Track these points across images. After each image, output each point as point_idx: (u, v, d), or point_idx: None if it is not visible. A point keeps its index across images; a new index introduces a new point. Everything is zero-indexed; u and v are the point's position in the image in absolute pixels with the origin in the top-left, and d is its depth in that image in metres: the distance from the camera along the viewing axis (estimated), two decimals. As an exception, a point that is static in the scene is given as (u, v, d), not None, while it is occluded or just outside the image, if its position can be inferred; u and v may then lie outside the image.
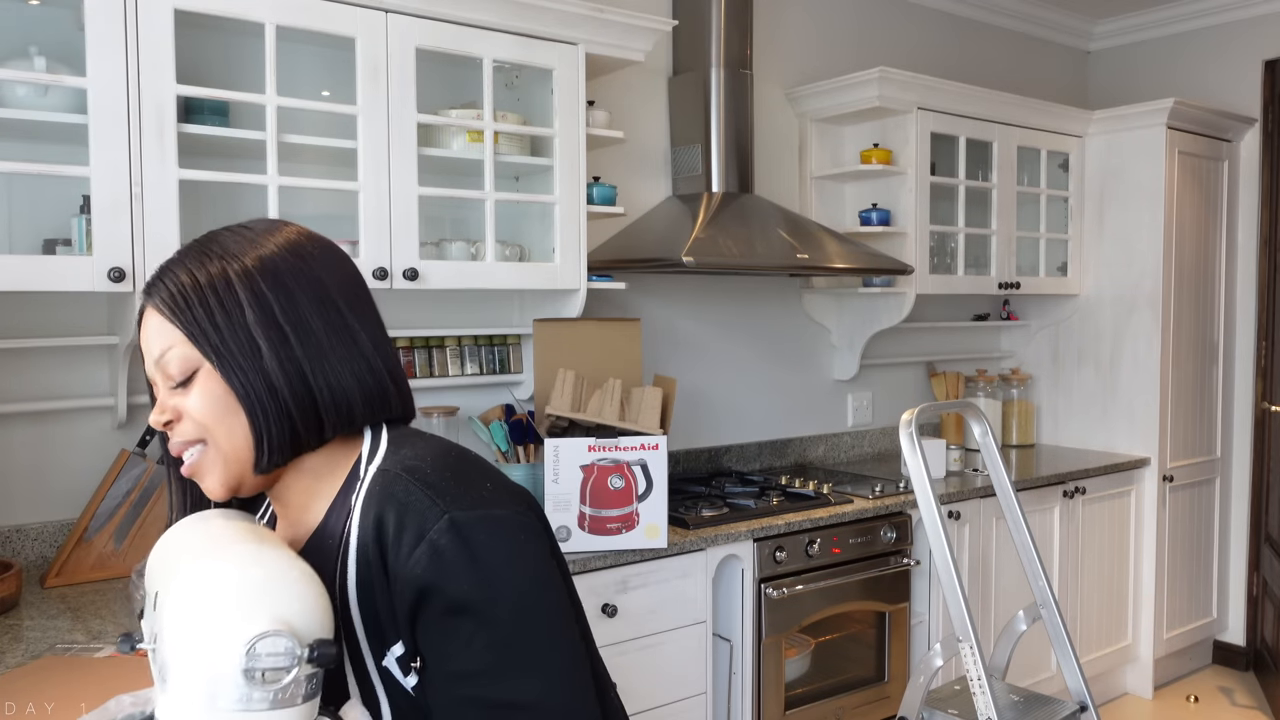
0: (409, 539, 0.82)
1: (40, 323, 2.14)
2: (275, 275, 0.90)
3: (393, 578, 0.83)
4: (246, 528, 0.86)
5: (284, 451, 0.90)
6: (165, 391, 0.91)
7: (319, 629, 0.75)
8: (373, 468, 0.89)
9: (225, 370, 0.87)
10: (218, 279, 0.89)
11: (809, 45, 3.50)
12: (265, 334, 0.88)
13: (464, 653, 0.81)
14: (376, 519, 0.84)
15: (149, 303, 0.92)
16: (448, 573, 0.81)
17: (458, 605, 0.81)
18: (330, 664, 0.74)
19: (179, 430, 0.91)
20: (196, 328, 0.88)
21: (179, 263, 0.92)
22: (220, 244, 0.92)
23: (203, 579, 0.75)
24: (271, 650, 0.71)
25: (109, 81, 1.89)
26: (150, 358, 0.91)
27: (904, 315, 3.34)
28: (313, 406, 0.89)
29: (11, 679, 1.52)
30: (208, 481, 0.91)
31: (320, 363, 0.89)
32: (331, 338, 0.90)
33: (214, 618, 0.73)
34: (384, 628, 0.84)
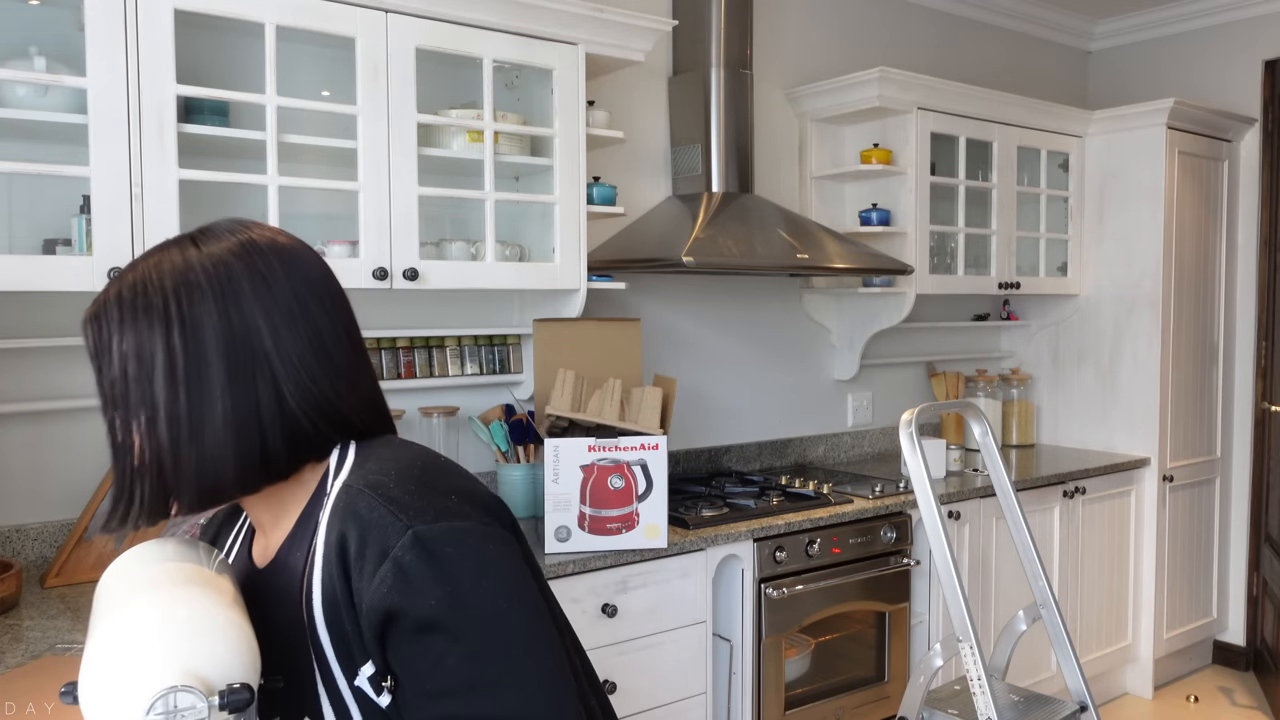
0: (372, 557, 0.79)
1: (40, 323, 2.14)
2: (208, 333, 0.84)
3: (357, 598, 0.80)
4: (178, 568, 0.85)
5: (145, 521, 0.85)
6: None
7: (238, 673, 0.75)
8: (338, 484, 0.86)
9: (111, 433, 0.86)
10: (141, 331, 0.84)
11: (809, 45, 3.50)
12: (165, 405, 0.84)
13: (437, 670, 0.79)
14: (339, 538, 0.81)
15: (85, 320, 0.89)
16: (413, 591, 0.78)
17: (426, 623, 0.78)
18: (244, 707, 0.74)
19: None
20: (106, 383, 0.86)
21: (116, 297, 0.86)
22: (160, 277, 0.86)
23: (117, 630, 0.75)
24: (180, 705, 0.72)
25: (109, 81, 1.89)
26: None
27: (904, 315, 3.34)
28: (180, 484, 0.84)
29: (11, 679, 1.52)
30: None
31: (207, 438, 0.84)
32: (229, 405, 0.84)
33: (121, 674, 0.73)
34: (352, 648, 0.82)
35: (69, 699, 0.77)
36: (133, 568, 0.87)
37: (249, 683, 0.76)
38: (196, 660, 0.74)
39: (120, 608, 0.78)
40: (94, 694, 0.73)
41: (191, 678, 0.73)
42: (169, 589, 0.80)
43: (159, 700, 0.71)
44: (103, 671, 0.74)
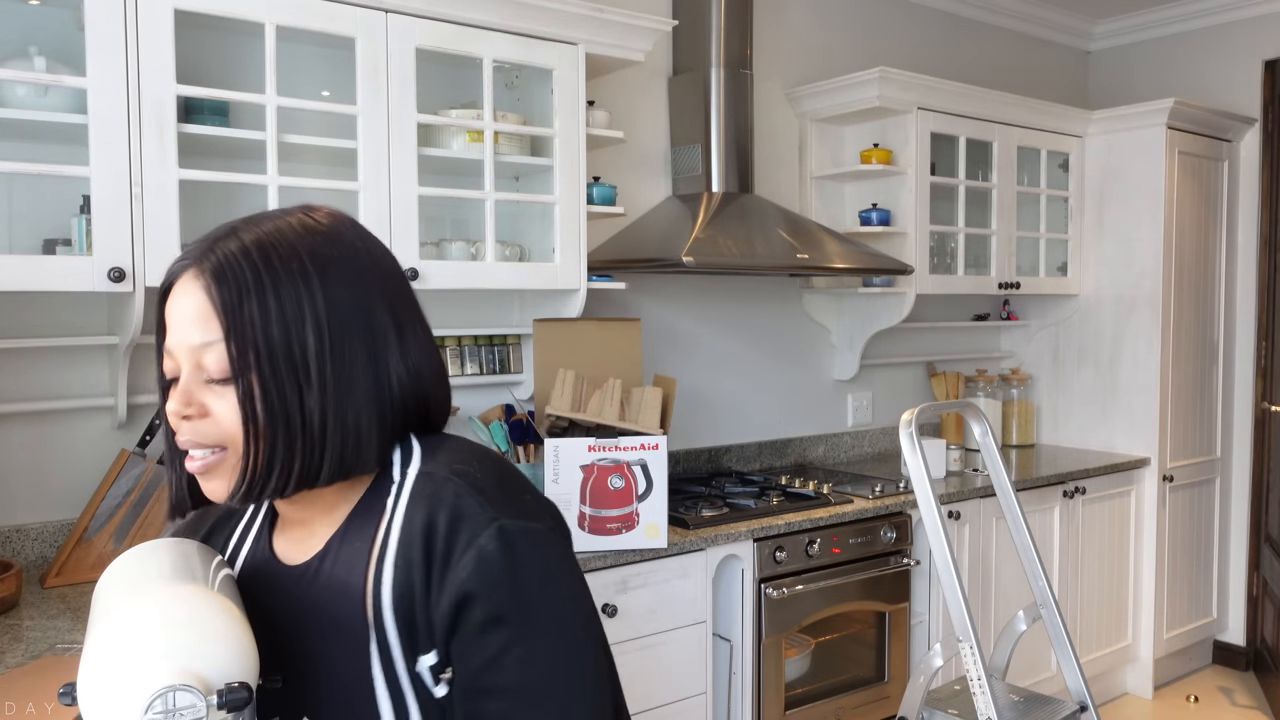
0: (460, 543, 0.80)
1: (40, 323, 2.14)
2: (344, 302, 0.84)
3: (436, 581, 0.80)
4: (177, 568, 0.85)
5: (291, 490, 0.84)
6: (194, 380, 0.83)
7: (237, 673, 0.75)
8: (411, 471, 0.86)
9: (265, 393, 0.81)
10: (285, 294, 0.82)
11: (809, 45, 3.50)
12: (318, 372, 0.82)
13: (493, 666, 0.80)
14: (426, 522, 0.82)
15: (197, 276, 0.82)
16: (490, 583, 0.79)
17: (495, 617, 0.79)
18: (243, 707, 0.73)
19: (199, 429, 0.83)
20: (250, 342, 0.80)
21: (242, 254, 0.82)
22: (289, 244, 0.83)
23: (116, 629, 0.75)
24: (178, 705, 0.72)
25: (109, 81, 1.89)
26: (183, 340, 0.82)
27: (904, 315, 3.34)
28: (328, 452, 0.83)
29: (11, 679, 1.52)
30: (214, 486, 0.85)
31: (353, 405, 0.84)
32: (370, 374, 0.84)
33: (119, 673, 0.73)
34: (418, 634, 0.82)
35: (67, 700, 0.77)
36: (132, 568, 0.87)
37: (247, 682, 0.76)
38: (195, 659, 0.74)
39: (119, 607, 0.78)
40: (92, 693, 0.73)
41: (190, 677, 0.73)
42: (168, 588, 0.80)
43: (157, 699, 0.71)
44: (101, 670, 0.74)
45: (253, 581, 0.92)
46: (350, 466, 0.85)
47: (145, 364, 2.27)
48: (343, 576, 0.85)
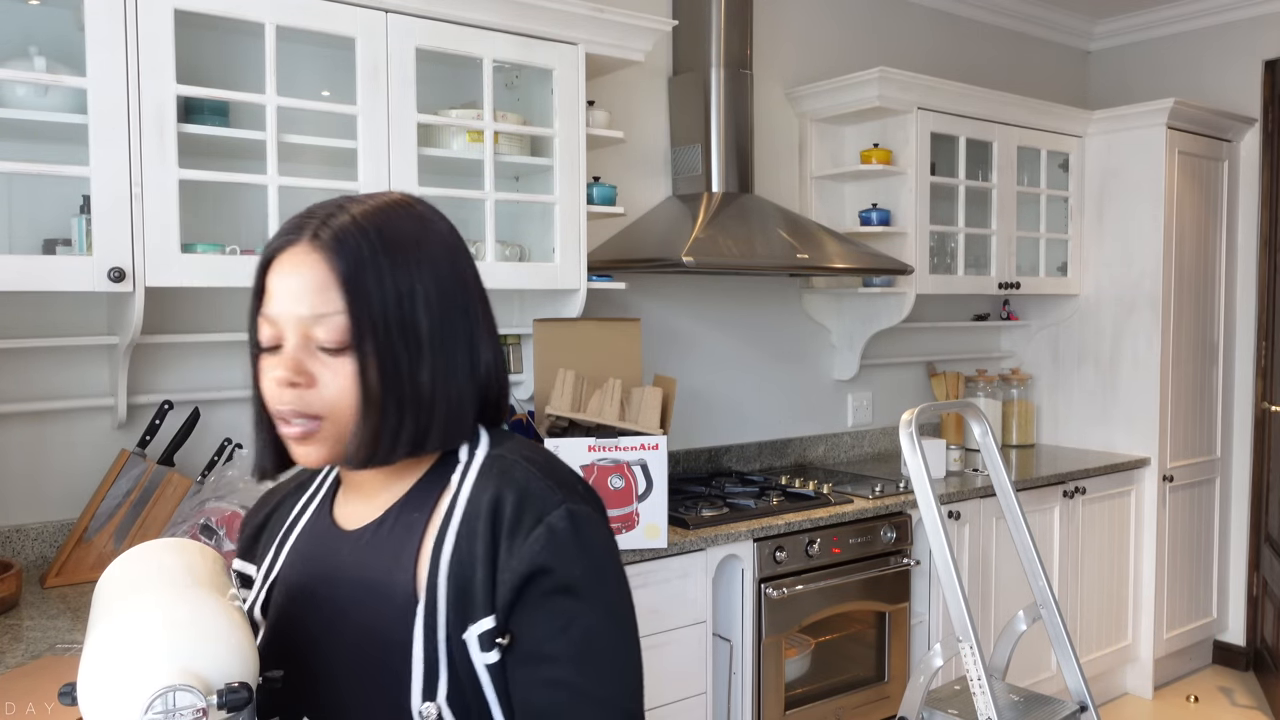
0: (528, 521, 0.85)
1: (40, 323, 2.14)
2: (447, 281, 0.89)
3: (503, 553, 0.84)
4: (177, 568, 0.85)
5: (400, 455, 0.88)
6: (304, 350, 0.85)
7: (237, 673, 0.76)
8: (480, 452, 0.91)
9: (380, 363, 0.85)
10: (400, 269, 0.86)
11: (809, 45, 3.50)
12: (430, 345, 0.87)
13: (559, 636, 0.84)
14: (494, 499, 0.86)
15: (313, 250, 0.85)
16: (563, 556, 0.84)
17: (564, 587, 0.84)
18: (243, 706, 0.74)
19: (304, 398, 0.85)
20: (367, 313, 0.84)
21: (358, 230, 0.85)
22: (397, 224, 0.87)
23: (116, 629, 0.75)
24: (178, 705, 0.72)
25: (109, 81, 1.89)
26: (292, 311, 0.85)
27: (904, 315, 3.34)
28: (435, 421, 0.88)
29: (11, 679, 1.52)
30: (311, 452, 0.88)
31: (457, 378, 0.89)
32: (468, 351, 0.90)
33: (119, 673, 0.73)
34: (474, 601, 0.84)
35: (67, 700, 0.77)
36: (132, 568, 0.87)
37: (247, 682, 0.76)
38: (195, 659, 0.74)
39: (119, 607, 0.79)
40: (92, 693, 0.74)
41: (190, 677, 0.73)
42: (168, 589, 0.80)
43: (157, 699, 0.72)
44: (101, 670, 0.74)
45: (309, 542, 0.97)
46: (452, 437, 0.90)
47: (145, 364, 2.27)
48: (396, 543, 0.89)
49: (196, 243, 2.14)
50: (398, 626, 0.86)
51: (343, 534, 0.94)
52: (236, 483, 2.08)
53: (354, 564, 0.91)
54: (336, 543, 0.94)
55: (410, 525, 0.89)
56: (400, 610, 0.86)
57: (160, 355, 2.30)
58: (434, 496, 0.90)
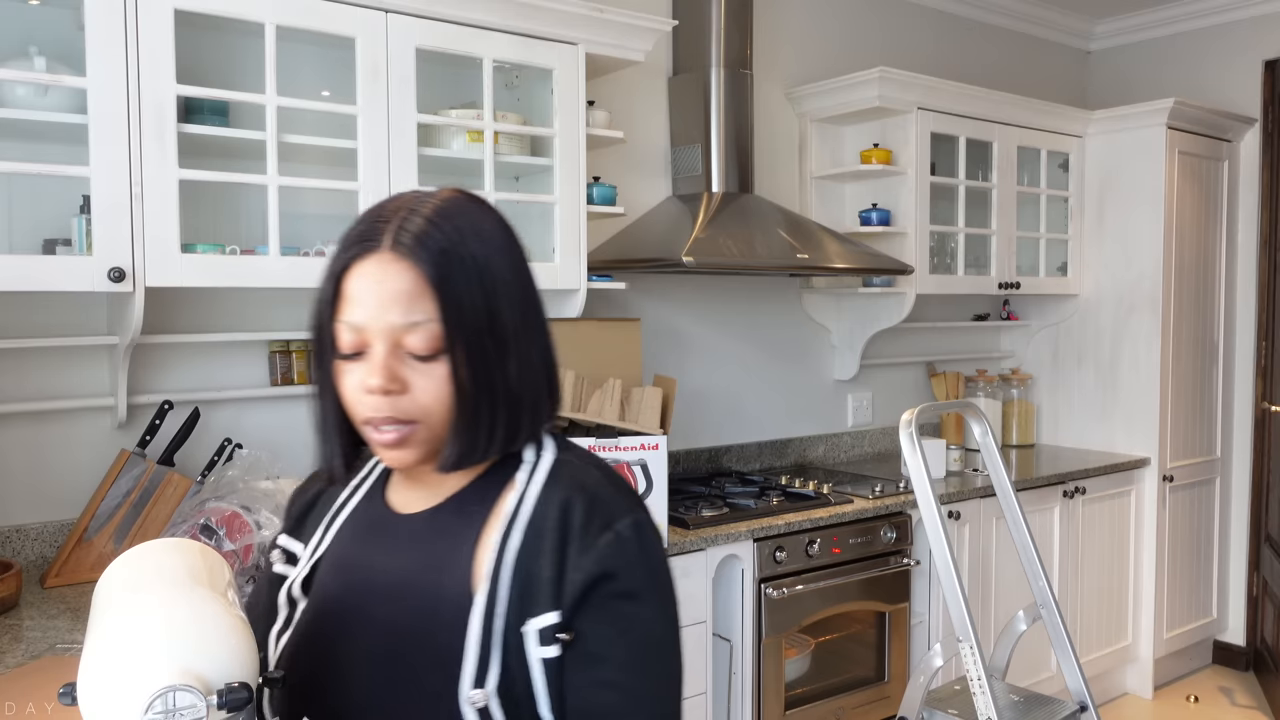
0: (596, 525, 0.87)
1: (40, 323, 2.14)
2: (522, 273, 0.91)
3: (572, 554, 0.87)
4: (178, 568, 0.85)
5: (493, 453, 0.91)
6: (395, 357, 0.85)
7: (237, 673, 0.76)
8: (548, 455, 0.94)
9: (472, 366, 0.86)
10: (484, 272, 0.87)
11: (809, 45, 3.50)
12: (514, 342, 0.88)
13: (619, 640, 0.86)
14: (565, 501, 0.89)
15: (400, 258, 0.85)
16: (627, 563, 0.87)
17: (627, 593, 0.87)
18: (243, 706, 0.74)
19: (398, 404, 0.86)
20: (459, 317, 0.85)
21: (440, 236, 0.86)
22: (471, 225, 0.89)
23: (116, 629, 0.75)
24: (178, 705, 0.72)
25: (109, 81, 1.89)
26: (382, 319, 0.85)
27: (904, 315, 3.34)
28: (524, 417, 0.91)
29: (11, 679, 1.52)
30: (405, 456, 0.89)
31: (536, 373, 0.91)
32: (541, 346, 0.92)
33: (119, 673, 0.73)
34: (538, 596, 0.86)
35: (67, 700, 0.77)
36: (132, 568, 0.87)
37: (247, 682, 0.76)
38: (195, 659, 0.74)
39: (119, 607, 0.79)
40: (93, 693, 0.74)
41: (190, 677, 0.73)
42: (168, 589, 0.80)
43: (157, 699, 0.72)
44: (101, 670, 0.74)
45: (362, 522, 0.99)
46: (536, 431, 0.93)
47: (145, 364, 2.27)
48: (456, 531, 0.92)
49: (196, 243, 2.14)
50: (451, 610, 0.87)
51: (398, 517, 0.96)
52: (236, 483, 2.08)
53: (410, 546, 0.93)
54: (392, 524, 0.96)
55: (470, 516, 0.92)
56: (456, 595, 0.88)
57: (160, 355, 2.30)
58: (496, 492, 0.92)
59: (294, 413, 2.48)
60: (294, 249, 2.27)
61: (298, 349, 2.46)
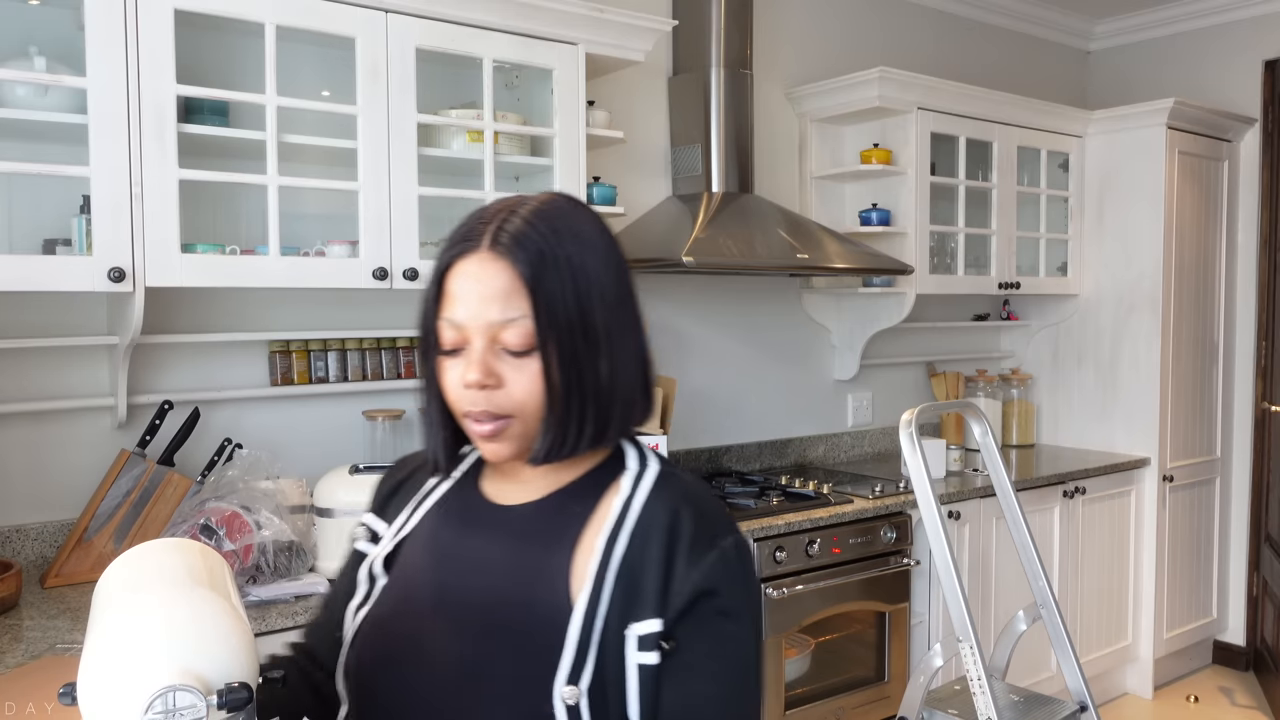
0: (702, 542, 0.90)
1: (40, 323, 2.14)
2: (618, 274, 0.93)
3: (679, 565, 0.89)
4: (177, 569, 0.85)
5: (583, 449, 0.92)
6: (491, 353, 0.89)
7: (237, 673, 0.76)
8: (653, 466, 0.96)
9: (563, 361, 0.88)
10: (577, 270, 0.89)
11: (809, 45, 3.50)
12: (606, 338, 0.90)
13: (716, 655, 0.89)
14: (673, 512, 0.91)
15: (497, 257, 0.88)
16: (730, 581, 0.90)
17: (727, 610, 0.89)
18: (243, 706, 0.74)
19: (494, 399, 0.89)
20: (550, 314, 0.87)
21: (536, 235, 0.89)
22: (566, 225, 0.91)
23: (116, 629, 0.75)
24: (178, 705, 0.72)
25: (109, 81, 1.89)
26: (480, 316, 0.88)
27: (904, 315, 3.34)
28: (615, 413, 0.92)
29: (11, 679, 1.52)
30: (500, 449, 0.92)
31: (629, 370, 0.93)
32: (636, 343, 0.94)
33: (119, 673, 0.73)
34: (641, 602, 0.88)
35: (67, 700, 0.77)
36: (132, 568, 0.87)
37: (247, 682, 0.76)
38: (195, 659, 0.74)
39: (119, 607, 0.78)
40: (93, 693, 0.74)
41: (190, 677, 0.73)
42: (168, 589, 0.80)
43: (157, 699, 0.72)
44: (101, 670, 0.74)
45: (454, 508, 1.01)
46: (628, 426, 0.95)
47: (145, 364, 2.27)
48: (557, 528, 0.93)
49: (196, 243, 2.14)
50: (548, 607, 0.89)
51: (494, 507, 0.98)
52: (236, 483, 2.08)
53: (507, 537, 0.95)
54: (488, 514, 0.98)
55: (571, 516, 0.94)
56: (554, 592, 0.90)
57: (160, 355, 2.30)
58: (599, 494, 0.95)
59: (294, 413, 2.48)
60: (294, 249, 2.27)
61: (297, 349, 2.46)
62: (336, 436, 2.53)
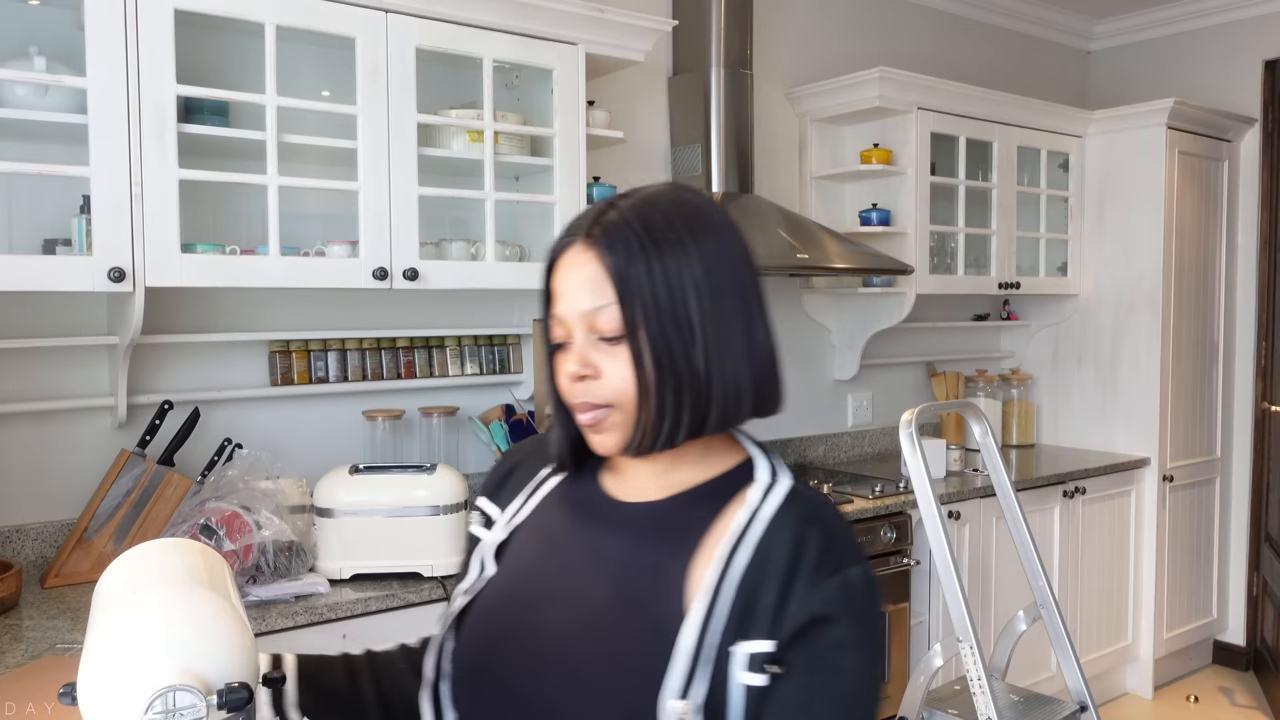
0: (827, 567, 0.87)
1: (40, 323, 2.14)
2: (717, 266, 0.91)
3: (799, 587, 0.86)
4: (177, 568, 0.85)
5: (680, 439, 0.91)
6: (587, 343, 0.90)
7: (237, 673, 0.76)
8: (784, 481, 0.94)
9: (654, 350, 0.88)
10: (668, 258, 0.88)
11: (809, 45, 3.50)
12: (700, 329, 0.88)
13: (827, 686, 0.85)
14: (800, 532, 0.88)
15: (587, 248, 0.90)
16: (850, 611, 0.86)
17: (844, 642, 0.86)
18: (243, 706, 0.74)
19: (591, 389, 0.90)
20: (638, 301, 0.87)
21: (625, 225, 0.89)
22: (663, 214, 0.91)
23: (115, 629, 0.75)
24: (178, 705, 0.72)
25: (109, 81, 1.89)
26: (575, 306, 0.90)
27: (904, 315, 3.34)
28: (713, 403, 0.90)
29: (11, 679, 1.52)
30: (606, 440, 0.92)
31: (731, 360, 0.90)
32: (743, 333, 0.92)
33: (119, 673, 0.73)
34: (756, 620, 0.86)
35: (67, 700, 0.77)
36: (132, 568, 0.87)
37: (247, 682, 0.76)
38: (195, 659, 0.74)
39: (119, 607, 0.78)
40: (92, 693, 0.74)
41: (190, 677, 0.73)
42: (168, 589, 0.80)
43: (157, 699, 0.72)
44: (101, 671, 0.74)
45: (569, 498, 1.01)
46: (731, 418, 0.92)
47: (145, 364, 2.27)
48: (677, 532, 0.92)
49: (196, 243, 2.14)
50: (660, 610, 0.88)
51: (614, 502, 0.98)
52: (236, 483, 2.08)
53: (626, 535, 0.94)
54: (607, 508, 0.97)
55: (693, 521, 0.92)
56: (667, 596, 0.88)
57: (160, 355, 2.30)
58: (724, 502, 0.93)
59: (294, 413, 2.48)
60: (294, 249, 2.27)
61: (297, 349, 2.46)
62: (336, 436, 2.53)
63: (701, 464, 0.95)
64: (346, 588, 2.01)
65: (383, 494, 2.05)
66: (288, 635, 1.86)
